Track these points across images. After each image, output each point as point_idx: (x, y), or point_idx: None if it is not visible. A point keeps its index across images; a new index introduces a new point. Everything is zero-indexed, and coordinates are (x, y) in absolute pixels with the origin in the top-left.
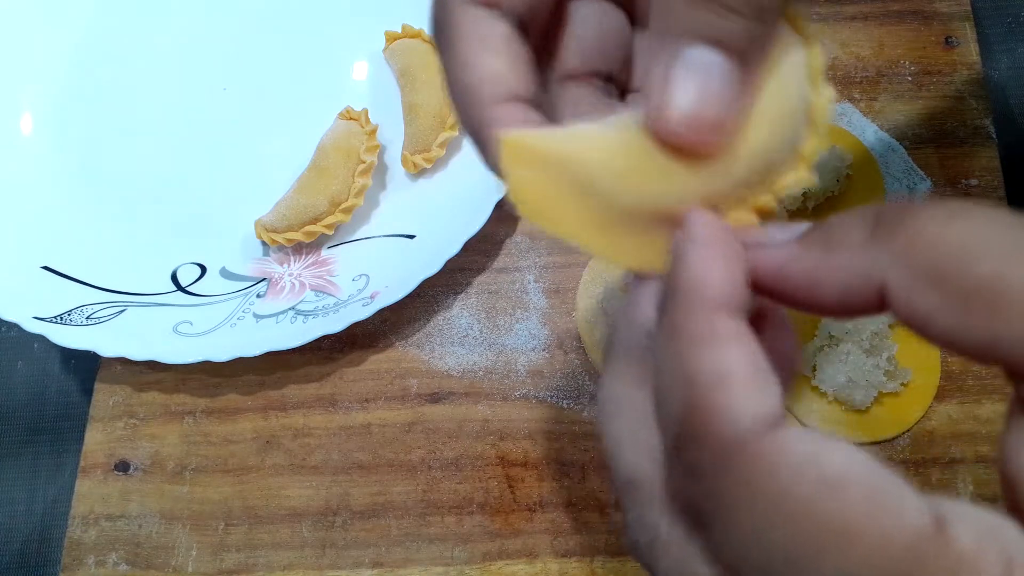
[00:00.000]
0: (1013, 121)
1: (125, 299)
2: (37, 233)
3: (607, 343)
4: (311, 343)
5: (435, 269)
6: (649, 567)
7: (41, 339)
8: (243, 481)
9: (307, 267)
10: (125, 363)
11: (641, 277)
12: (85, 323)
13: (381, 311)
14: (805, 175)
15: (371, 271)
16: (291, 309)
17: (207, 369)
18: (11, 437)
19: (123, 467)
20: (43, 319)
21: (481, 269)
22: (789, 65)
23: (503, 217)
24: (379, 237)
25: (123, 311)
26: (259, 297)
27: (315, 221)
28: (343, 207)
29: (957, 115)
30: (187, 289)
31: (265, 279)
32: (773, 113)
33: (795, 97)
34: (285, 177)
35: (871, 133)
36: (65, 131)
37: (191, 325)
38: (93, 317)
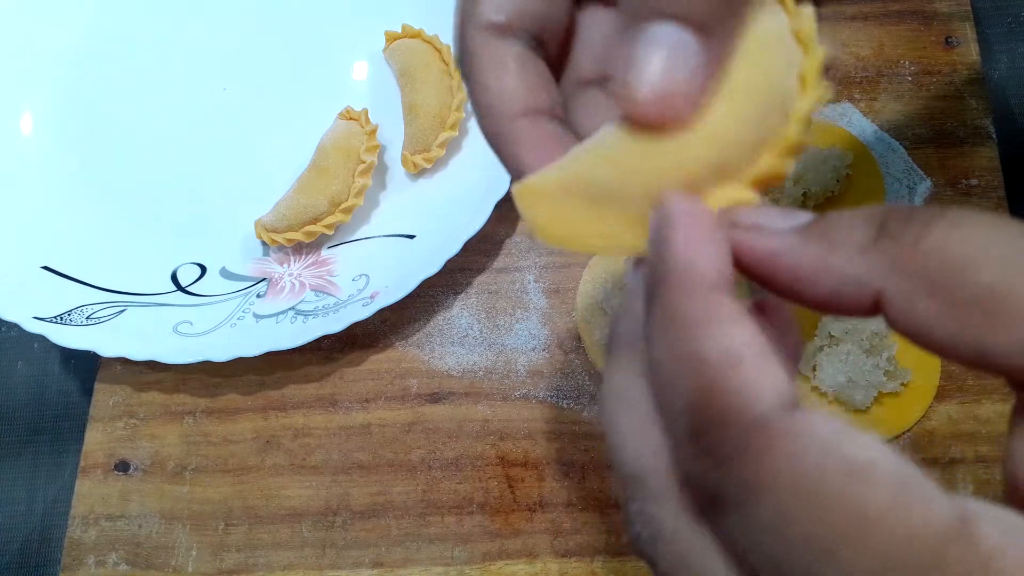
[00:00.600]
0: (1013, 121)
1: (125, 299)
2: (37, 233)
3: (608, 339)
4: (311, 343)
5: (435, 269)
6: (651, 561)
7: (41, 339)
8: (243, 481)
9: (307, 267)
10: (125, 363)
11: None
12: (85, 323)
13: (381, 311)
14: (798, 133)
15: (371, 271)
16: (291, 309)
17: (207, 369)
18: (11, 437)
19: (123, 467)
20: (43, 319)
21: (481, 269)
22: (770, 32)
23: (503, 217)
24: (379, 237)
25: (123, 311)
26: (259, 297)
27: (315, 221)
28: (343, 207)
29: (957, 115)
30: (187, 289)
31: (265, 279)
32: (754, 81)
33: (779, 63)
34: (285, 177)
35: (871, 133)
36: (65, 131)
37: (191, 325)
38: (93, 317)
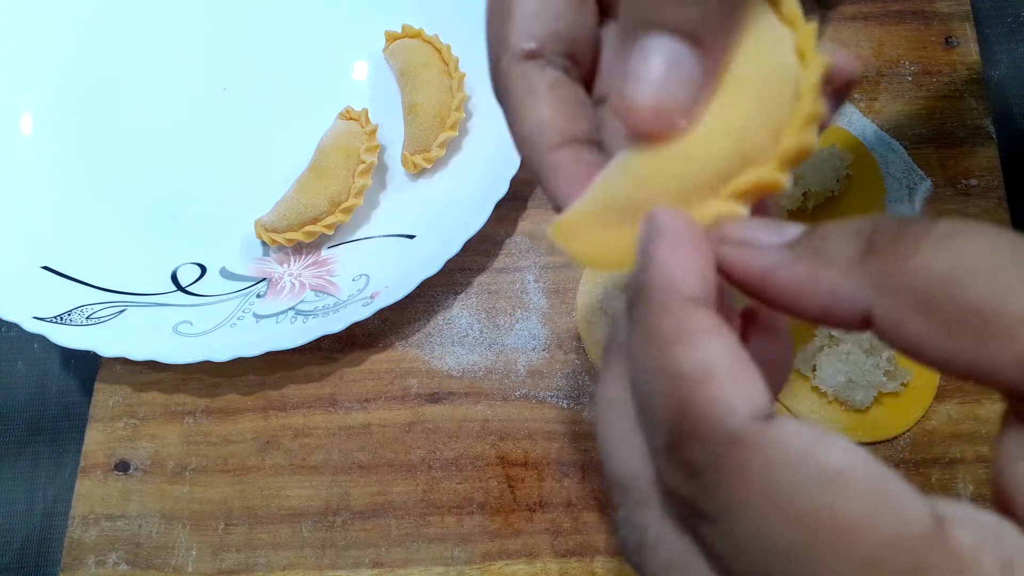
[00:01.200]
0: (1013, 121)
1: (125, 299)
2: (37, 233)
3: (606, 343)
4: (311, 343)
5: (435, 269)
6: (637, 567)
7: (41, 339)
8: (243, 481)
9: (307, 267)
10: (125, 363)
11: None
12: (85, 323)
13: (381, 311)
14: (800, 141)
15: (371, 271)
16: (291, 309)
17: (207, 369)
18: (11, 437)
19: (123, 467)
20: (43, 319)
21: (481, 269)
22: (769, 43)
23: (503, 217)
24: (379, 237)
25: (123, 311)
26: (259, 297)
27: (315, 221)
28: (343, 207)
29: (957, 115)
30: (187, 289)
31: (265, 279)
32: (751, 92)
33: (776, 74)
34: (285, 177)
35: (871, 133)
36: (65, 131)
37: (191, 325)
38: (93, 317)
